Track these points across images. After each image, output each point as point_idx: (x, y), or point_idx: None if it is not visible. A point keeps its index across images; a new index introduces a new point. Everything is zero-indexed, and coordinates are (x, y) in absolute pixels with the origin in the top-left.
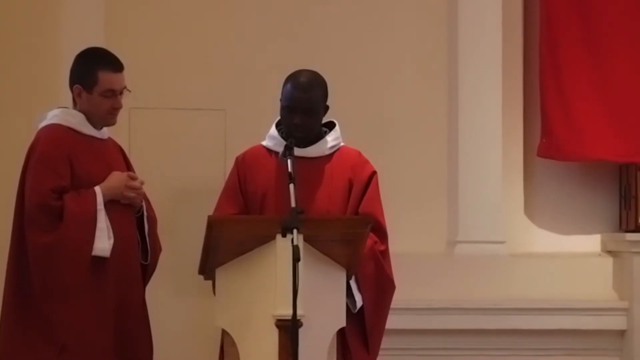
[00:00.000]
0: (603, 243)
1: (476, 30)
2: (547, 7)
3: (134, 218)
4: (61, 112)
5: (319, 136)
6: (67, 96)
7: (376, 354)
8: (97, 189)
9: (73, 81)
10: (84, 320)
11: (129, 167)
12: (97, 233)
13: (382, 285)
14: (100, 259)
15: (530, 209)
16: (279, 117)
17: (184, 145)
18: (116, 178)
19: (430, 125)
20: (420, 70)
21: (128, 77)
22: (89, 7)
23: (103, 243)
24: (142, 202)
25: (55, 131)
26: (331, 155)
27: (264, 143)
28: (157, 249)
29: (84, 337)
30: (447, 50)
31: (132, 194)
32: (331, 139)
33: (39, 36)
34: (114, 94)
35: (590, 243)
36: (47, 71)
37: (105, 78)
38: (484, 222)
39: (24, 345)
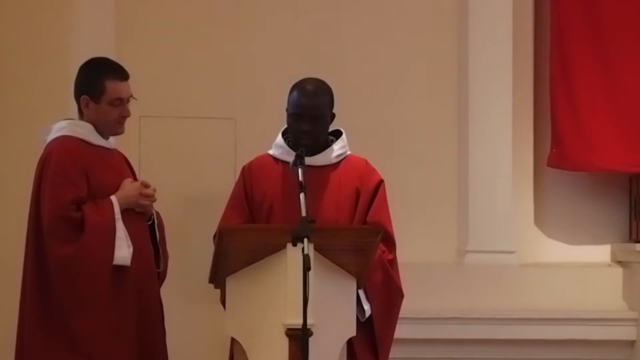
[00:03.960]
0: (613, 253)
1: (486, 39)
2: (557, 17)
3: (147, 226)
4: (69, 123)
5: (326, 145)
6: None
7: None
8: (114, 198)
9: (79, 92)
10: (108, 329)
11: (134, 176)
12: (117, 242)
13: (390, 294)
14: (120, 268)
15: (540, 219)
16: (285, 126)
17: (194, 154)
18: (130, 187)
19: (440, 135)
20: (429, 78)
21: (139, 85)
22: (99, 16)
23: (123, 252)
24: (153, 210)
25: (67, 143)
26: (338, 163)
27: (271, 152)
28: (166, 256)
29: (108, 346)
30: (457, 59)
31: (146, 202)
32: (338, 148)
33: (50, 47)
34: (122, 103)
35: (600, 253)
36: (58, 82)
37: (113, 87)
38: (493, 231)
39: (50, 357)
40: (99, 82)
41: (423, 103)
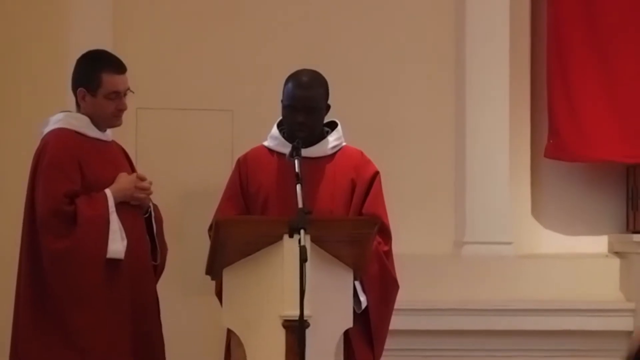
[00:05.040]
0: (610, 244)
1: (483, 31)
2: (554, 9)
3: (143, 219)
4: (65, 115)
5: (321, 136)
6: (74, 100)
7: (380, 355)
8: (108, 191)
9: (76, 84)
10: (103, 323)
11: (132, 168)
12: (111, 235)
13: (386, 286)
14: (114, 261)
15: (537, 210)
16: (280, 117)
17: (191, 146)
18: (125, 180)
19: (437, 127)
20: (427, 70)
21: (136, 77)
22: (97, 8)
23: (117, 245)
24: (150, 202)
25: (62, 135)
26: (333, 155)
27: (266, 143)
28: (164, 248)
29: (103, 340)
30: (454, 51)
31: (142, 195)
32: (333, 139)
33: (47, 39)
34: (119, 96)
35: (597, 244)
36: (56, 74)
37: (109, 80)
38: (491, 223)
39: (45, 351)
40: (95, 74)
41: (421, 95)
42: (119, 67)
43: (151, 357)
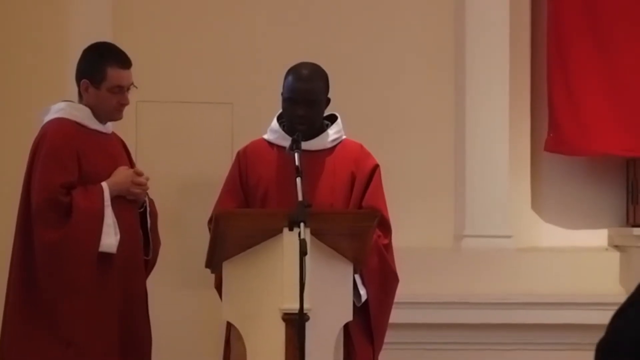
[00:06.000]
0: (610, 238)
1: (484, 24)
2: (554, 2)
3: (138, 213)
4: (67, 105)
5: (321, 129)
6: (73, 91)
7: (380, 348)
8: (104, 184)
9: (80, 75)
10: (91, 315)
11: (131, 161)
12: (105, 229)
13: (386, 279)
14: (106, 255)
15: (537, 204)
16: (280, 111)
17: (191, 139)
18: (122, 174)
19: (437, 120)
20: (427, 63)
21: (135, 70)
22: (97, 1)
23: (110, 239)
24: (145, 197)
25: (62, 125)
26: (333, 148)
27: (266, 137)
28: (157, 244)
29: (90, 333)
30: (454, 44)
31: (138, 190)
32: (333, 132)
33: (47, 30)
34: (122, 90)
35: (597, 238)
36: (55, 65)
37: (114, 74)
38: (490, 216)
39: (31, 341)
40: (100, 67)
41: (421, 89)
42: (124, 62)
43: (138, 352)
